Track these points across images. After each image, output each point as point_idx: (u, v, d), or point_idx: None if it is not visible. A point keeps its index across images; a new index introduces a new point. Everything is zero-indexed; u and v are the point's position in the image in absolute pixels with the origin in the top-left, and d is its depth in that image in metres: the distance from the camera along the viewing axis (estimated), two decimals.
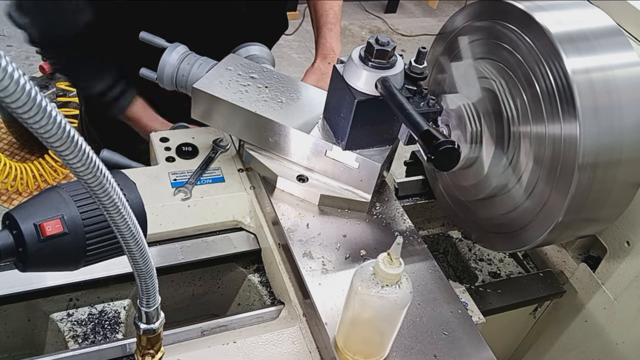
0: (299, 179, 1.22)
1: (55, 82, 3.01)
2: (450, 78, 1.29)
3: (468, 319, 1.06)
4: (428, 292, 1.09)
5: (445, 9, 5.44)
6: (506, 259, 1.54)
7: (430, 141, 0.88)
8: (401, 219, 1.23)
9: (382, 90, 1.02)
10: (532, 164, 1.09)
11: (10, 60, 0.40)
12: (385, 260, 0.83)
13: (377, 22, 5.13)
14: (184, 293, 1.32)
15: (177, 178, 1.25)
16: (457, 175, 1.32)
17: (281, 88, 1.27)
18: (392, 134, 1.15)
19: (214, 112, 1.23)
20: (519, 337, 1.60)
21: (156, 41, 1.33)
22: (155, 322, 0.78)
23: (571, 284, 1.42)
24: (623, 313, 1.31)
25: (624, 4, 1.25)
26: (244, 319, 1.11)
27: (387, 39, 1.04)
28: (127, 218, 0.59)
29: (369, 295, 0.85)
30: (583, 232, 1.22)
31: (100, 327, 1.11)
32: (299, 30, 4.77)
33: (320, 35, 1.64)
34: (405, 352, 0.98)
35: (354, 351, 0.95)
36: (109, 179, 0.54)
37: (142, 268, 0.67)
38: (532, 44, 1.05)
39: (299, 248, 1.12)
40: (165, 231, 1.21)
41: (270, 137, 1.21)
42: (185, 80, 1.31)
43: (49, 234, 0.69)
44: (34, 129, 0.45)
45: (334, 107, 1.15)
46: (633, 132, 1.02)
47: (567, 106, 0.99)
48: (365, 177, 1.19)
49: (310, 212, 1.20)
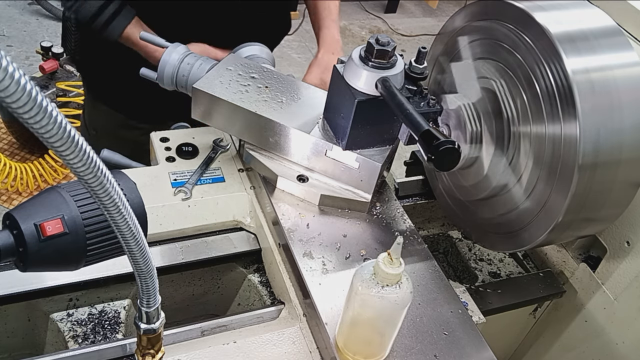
0: (299, 179, 1.22)
1: (55, 82, 3.01)
2: (450, 78, 1.29)
3: (468, 319, 1.06)
4: (428, 292, 1.09)
5: (445, 9, 5.44)
6: (506, 259, 1.54)
7: (431, 141, 0.88)
8: (401, 219, 1.23)
9: (382, 90, 1.02)
10: (532, 164, 1.09)
11: (11, 60, 0.40)
12: (385, 260, 0.83)
13: (377, 22, 5.14)
14: (184, 293, 1.32)
15: (177, 178, 1.25)
16: (457, 175, 1.32)
17: (281, 88, 1.27)
18: (392, 134, 1.16)
19: (214, 112, 1.23)
20: (519, 337, 1.60)
21: (157, 41, 1.33)
22: (155, 322, 0.78)
23: (571, 284, 1.42)
24: (623, 313, 1.31)
25: (624, 4, 1.25)
26: (244, 319, 1.11)
27: (387, 39, 1.04)
28: (127, 218, 0.59)
29: (369, 295, 0.85)
30: (583, 232, 1.22)
31: (100, 327, 1.11)
32: (299, 30, 4.77)
33: (322, 27, 1.60)
34: (406, 352, 0.98)
35: (354, 351, 0.95)
36: (109, 179, 0.54)
37: (142, 268, 0.67)
38: (532, 44, 1.06)
39: (299, 248, 1.12)
40: (166, 231, 1.21)
41: (271, 137, 1.21)
42: (186, 80, 1.31)
43: (49, 234, 0.69)
44: (35, 129, 0.45)
45: (334, 107, 1.15)
46: (633, 132, 1.02)
47: (567, 106, 0.99)
48: (366, 177, 1.19)
49: (310, 212, 1.20)
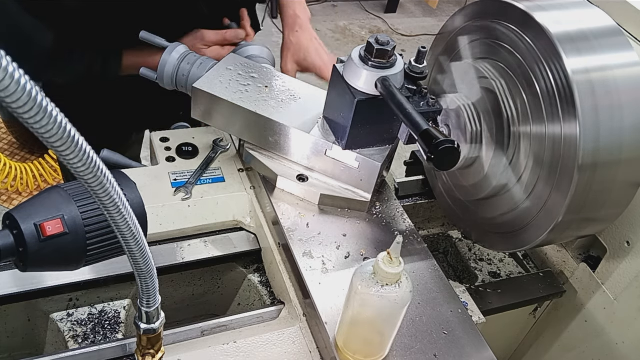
0: (299, 178, 1.22)
1: None
2: (450, 78, 1.29)
3: (468, 319, 1.06)
4: (428, 292, 1.09)
5: (445, 9, 5.44)
6: (506, 259, 1.54)
7: (430, 140, 0.88)
8: (401, 219, 1.23)
9: (382, 89, 1.02)
10: (532, 164, 1.09)
11: (11, 60, 0.40)
12: (385, 260, 0.83)
13: (377, 22, 5.14)
14: (184, 293, 1.32)
15: (177, 178, 1.25)
16: (457, 175, 1.32)
17: (281, 87, 1.27)
18: (392, 133, 1.16)
19: (214, 112, 1.23)
20: (519, 337, 1.60)
21: (156, 41, 1.33)
22: (155, 322, 0.78)
23: (571, 284, 1.42)
24: (623, 313, 1.31)
25: (624, 4, 1.25)
26: (244, 319, 1.11)
27: (387, 39, 1.04)
28: (127, 218, 0.59)
29: (369, 295, 0.85)
30: (583, 232, 1.22)
31: (101, 327, 1.11)
32: None
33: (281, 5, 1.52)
34: (405, 352, 0.98)
35: (354, 350, 0.95)
36: (109, 179, 0.54)
37: (142, 268, 0.67)
38: (532, 44, 1.06)
39: (299, 247, 1.12)
40: (166, 231, 1.21)
41: (271, 136, 1.21)
42: (186, 80, 1.31)
43: (49, 233, 0.69)
44: (35, 129, 0.45)
45: (334, 106, 1.15)
46: (633, 132, 1.02)
47: (567, 106, 0.99)
48: (365, 176, 1.19)
49: (310, 212, 1.20)
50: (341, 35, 4.85)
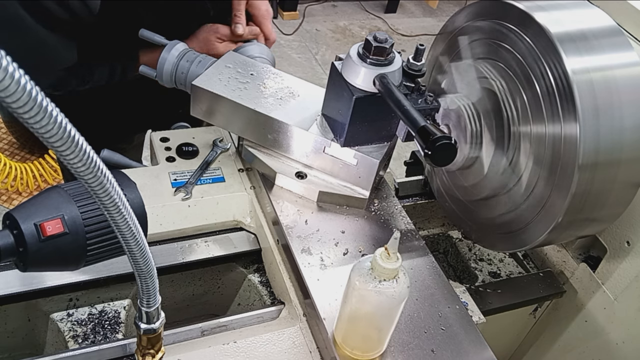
0: (297, 175, 1.22)
1: None
2: (450, 78, 1.29)
3: (466, 315, 1.06)
4: (426, 288, 1.09)
5: (445, 9, 5.45)
6: (506, 259, 1.54)
7: (427, 137, 0.88)
8: (399, 216, 1.23)
9: (380, 87, 1.02)
10: (532, 164, 1.09)
11: (11, 60, 0.39)
12: (382, 255, 0.83)
13: (377, 22, 5.14)
14: (184, 293, 1.32)
15: (177, 178, 1.25)
16: (457, 176, 1.32)
17: (280, 85, 1.27)
18: (390, 130, 1.15)
19: (213, 110, 1.23)
20: (519, 337, 1.60)
21: (155, 39, 1.33)
22: (155, 322, 0.78)
23: (571, 284, 1.42)
24: (623, 313, 1.31)
25: (624, 4, 1.25)
26: (244, 319, 1.11)
27: (385, 36, 1.04)
28: (127, 218, 0.59)
29: (367, 290, 0.85)
30: (583, 232, 1.22)
31: (101, 327, 1.11)
32: (299, 30, 4.78)
33: None
34: (403, 347, 0.98)
35: (352, 346, 0.95)
36: (109, 179, 0.54)
37: (142, 268, 0.67)
38: (532, 44, 1.05)
39: (298, 244, 1.12)
40: (166, 231, 1.21)
41: (269, 134, 1.21)
42: (185, 78, 1.31)
43: (49, 233, 0.69)
44: (35, 129, 0.45)
45: (333, 104, 1.15)
46: (633, 132, 1.02)
47: (567, 106, 0.99)
48: (364, 173, 1.19)
49: (309, 209, 1.20)
50: (341, 35, 4.85)
